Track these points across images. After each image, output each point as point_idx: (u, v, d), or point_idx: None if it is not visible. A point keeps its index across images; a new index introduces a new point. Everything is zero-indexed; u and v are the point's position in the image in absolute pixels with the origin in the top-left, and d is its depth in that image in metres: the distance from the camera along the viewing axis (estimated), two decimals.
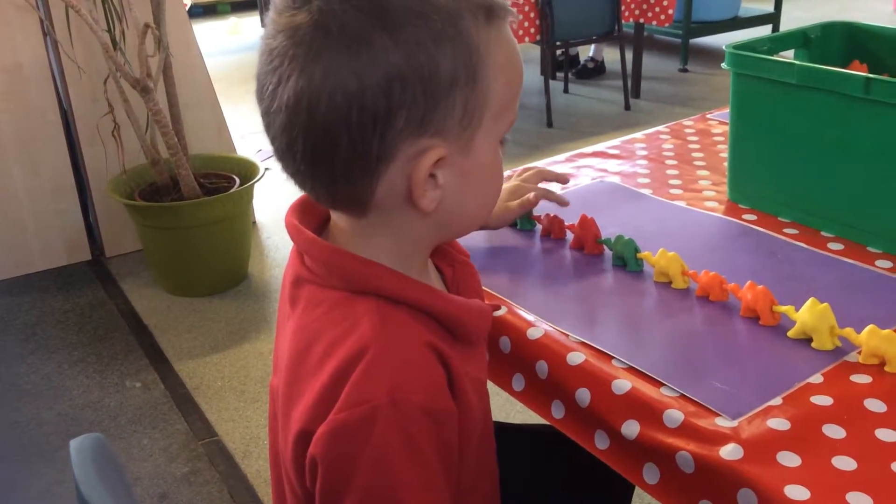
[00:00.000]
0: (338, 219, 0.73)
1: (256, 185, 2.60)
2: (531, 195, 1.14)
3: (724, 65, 1.21)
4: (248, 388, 2.17)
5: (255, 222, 2.97)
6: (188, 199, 2.48)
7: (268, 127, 0.67)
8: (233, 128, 3.07)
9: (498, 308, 0.80)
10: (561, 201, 1.19)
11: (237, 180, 2.60)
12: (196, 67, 2.92)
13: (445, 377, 0.68)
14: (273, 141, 0.68)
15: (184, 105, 2.65)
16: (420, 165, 0.65)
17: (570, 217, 1.18)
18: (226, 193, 2.51)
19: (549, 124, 4.07)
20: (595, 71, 4.89)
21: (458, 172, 0.68)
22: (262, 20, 5.03)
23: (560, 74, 4.73)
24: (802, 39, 1.32)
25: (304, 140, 0.64)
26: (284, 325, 0.75)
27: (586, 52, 4.94)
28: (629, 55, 4.32)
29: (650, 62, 4.95)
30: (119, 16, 2.51)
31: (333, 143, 0.63)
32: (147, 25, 2.39)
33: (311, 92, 0.62)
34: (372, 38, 0.61)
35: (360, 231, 0.71)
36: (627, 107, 4.31)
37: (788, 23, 4.83)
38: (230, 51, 5.81)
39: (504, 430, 0.93)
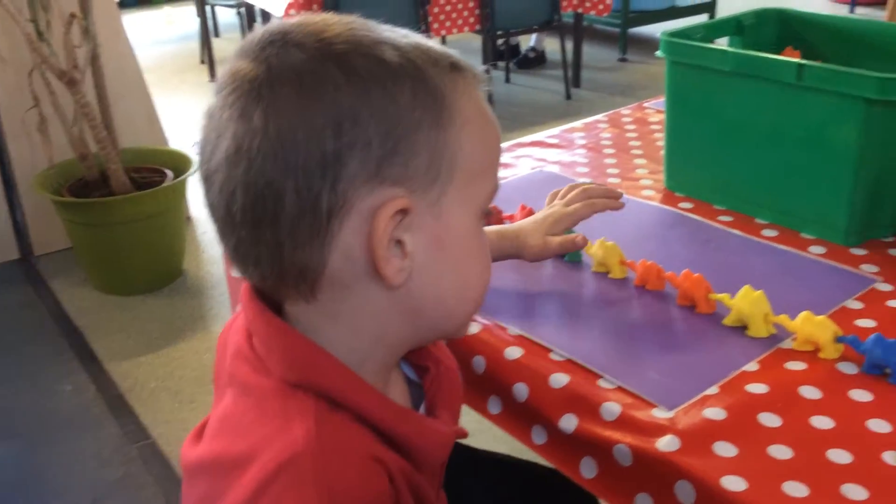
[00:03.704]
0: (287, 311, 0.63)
1: (190, 179, 2.54)
2: (578, 237, 1.01)
3: (658, 53, 1.20)
4: (183, 388, 2.11)
5: (189, 217, 2.90)
6: (118, 194, 2.40)
7: (207, 192, 0.59)
8: (167, 120, 2.99)
9: (465, 435, 0.70)
10: (615, 207, 1.05)
11: (170, 174, 2.53)
12: (126, 58, 2.83)
13: (392, 494, 0.58)
14: (212, 209, 0.59)
15: (113, 97, 2.56)
16: (379, 217, 0.55)
17: (509, 208, 1.17)
18: (158, 188, 2.44)
19: None
20: (536, 61, 4.90)
21: (430, 240, 0.58)
22: (197, 9, 4.91)
23: (501, 64, 4.73)
24: (736, 27, 1.32)
25: (245, 194, 0.55)
26: (220, 397, 0.66)
27: (527, 42, 4.94)
28: (569, 45, 4.33)
29: (590, 52, 4.97)
30: (44, 5, 2.41)
31: (277, 196, 0.54)
32: (73, 15, 2.30)
33: (251, 135, 0.54)
34: (318, 72, 0.55)
35: (307, 322, 0.60)
36: (568, 96, 4.33)
37: (725, 11, 4.88)
38: (165, 41, 5.67)
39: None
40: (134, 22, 6.05)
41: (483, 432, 0.98)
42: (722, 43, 1.23)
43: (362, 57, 0.56)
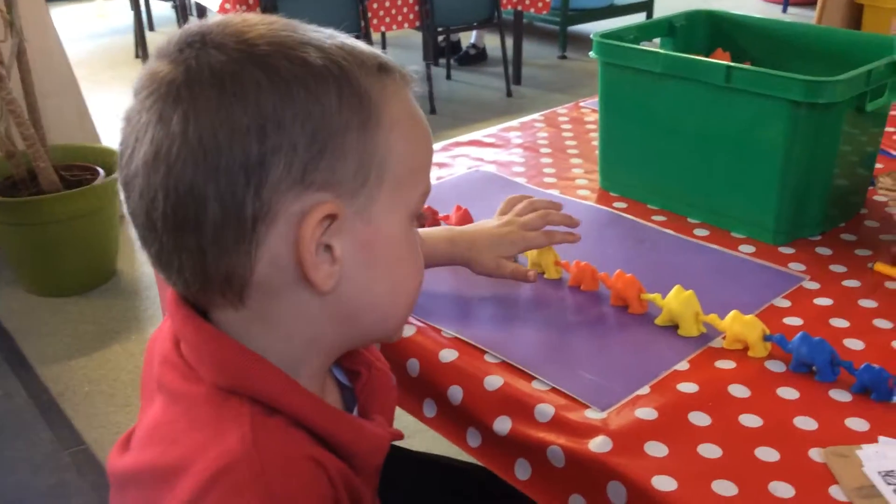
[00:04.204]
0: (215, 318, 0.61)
1: None
2: (531, 273, 0.98)
3: (591, 53, 1.21)
4: (117, 391, 2.06)
5: (122, 216, 2.82)
6: (48, 192, 2.33)
7: (127, 198, 0.57)
8: (99, 116, 2.91)
9: (401, 437, 0.70)
10: (572, 240, 1.02)
11: (101, 172, 2.47)
12: (54, 53, 2.74)
13: (333, 495, 0.57)
14: (133, 216, 0.56)
15: (41, 93, 2.49)
16: (306, 223, 0.54)
17: (445, 208, 1.16)
18: (89, 186, 2.38)
19: (433, 111, 4.04)
20: (477, 58, 4.90)
21: (360, 244, 0.57)
22: (131, 2, 4.81)
23: (442, 61, 4.72)
24: (668, 28, 1.34)
25: (165, 201, 0.53)
26: (148, 404, 0.64)
27: (468, 38, 4.95)
28: (510, 42, 4.35)
29: (531, 49, 5.00)
30: None
31: (199, 202, 0.53)
32: None
33: (170, 140, 0.52)
34: (239, 74, 0.53)
35: (236, 329, 0.59)
36: (509, 93, 4.34)
37: (662, 11, 4.96)
38: (98, 35, 5.53)
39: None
40: (65, 15, 5.88)
41: (419, 433, 0.98)
42: (655, 44, 1.24)
43: (285, 58, 0.54)
